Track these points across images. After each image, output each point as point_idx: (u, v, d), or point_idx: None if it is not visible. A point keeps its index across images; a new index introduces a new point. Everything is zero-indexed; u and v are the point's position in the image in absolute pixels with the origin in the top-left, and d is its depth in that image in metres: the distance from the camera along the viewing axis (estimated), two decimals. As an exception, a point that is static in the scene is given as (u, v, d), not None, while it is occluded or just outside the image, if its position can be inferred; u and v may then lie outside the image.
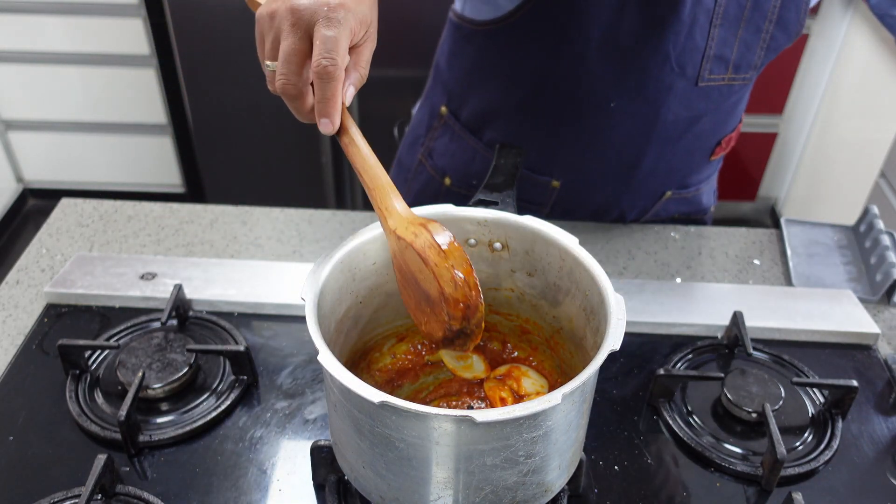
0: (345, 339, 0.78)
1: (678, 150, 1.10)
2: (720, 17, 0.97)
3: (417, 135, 1.25)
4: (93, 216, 1.18)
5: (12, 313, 1.00)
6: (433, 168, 1.21)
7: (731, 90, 1.05)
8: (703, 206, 1.26)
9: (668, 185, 1.17)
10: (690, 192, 1.21)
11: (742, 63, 1.02)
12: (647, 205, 1.19)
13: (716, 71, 1.01)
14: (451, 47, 1.13)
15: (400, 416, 0.59)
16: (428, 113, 1.22)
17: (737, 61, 1.02)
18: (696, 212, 1.26)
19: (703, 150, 1.14)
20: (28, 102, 2.71)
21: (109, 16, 2.50)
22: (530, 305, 0.82)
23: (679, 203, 1.22)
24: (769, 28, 1.00)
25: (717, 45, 0.99)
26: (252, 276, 1.03)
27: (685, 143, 1.10)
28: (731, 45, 1.00)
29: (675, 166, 1.13)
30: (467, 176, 1.17)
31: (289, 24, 0.64)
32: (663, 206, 1.21)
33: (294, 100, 0.66)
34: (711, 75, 1.01)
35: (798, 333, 1.00)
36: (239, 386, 0.89)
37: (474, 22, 1.06)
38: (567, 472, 0.71)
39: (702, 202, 1.25)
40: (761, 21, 0.99)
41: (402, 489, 0.65)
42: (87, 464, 0.74)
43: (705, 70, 1.00)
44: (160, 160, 2.85)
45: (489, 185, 0.85)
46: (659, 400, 0.89)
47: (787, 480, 0.82)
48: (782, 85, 2.67)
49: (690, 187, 1.20)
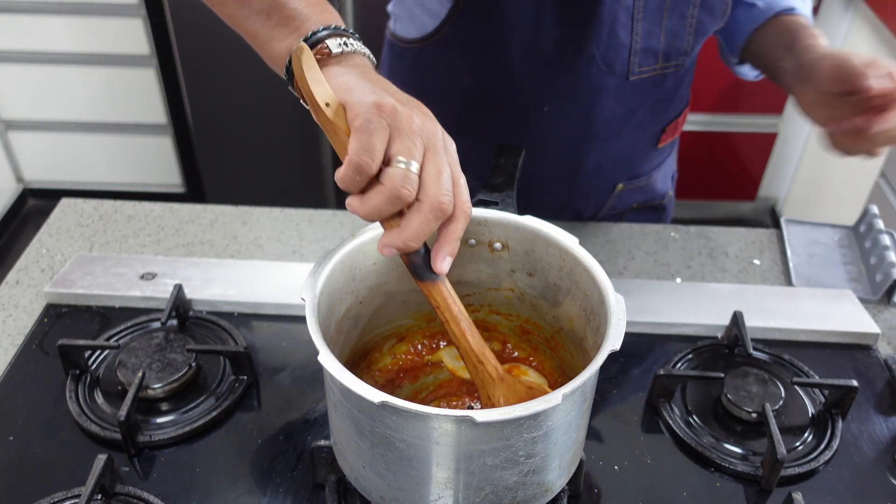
0: (345, 339, 0.78)
1: (620, 144, 1.10)
2: (641, 12, 0.96)
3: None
4: (93, 216, 1.18)
5: (12, 313, 1.00)
6: None
7: (665, 79, 1.05)
8: (658, 192, 1.25)
9: (617, 178, 1.17)
10: (643, 181, 1.20)
11: (671, 51, 1.02)
12: (600, 200, 1.19)
13: (645, 63, 1.01)
14: (389, 66, 1.15)
15: (400, 417, 0.59)
16: None
17: (665, 51, 1.01)
18: (653, 198, 1.25)
19: (648, 140, 1.13)
20: (28, 102, 2.71)
21: (109, 16, 2.50)
22: (530, 305, 0.82)
23: (633, 192, 1.22)
24: (694, 13, 0.99)
25: (643, 38, 0.98)
26: (252, 276, 1.03)
27: (627, 137, 1.10)
28: (658, 35, 0.99)
29: (620, 160, 1.13)
30: None
31: (441, 143, 0.60)
32: (618, 199, 1.20)
33: (438, 218, 0.61)
34: (641, 68, 1.01)
35: (798, 333, 1.00)
36: (239, 386, 0.89)
37: (404, 40, 1.07)
38: (567, 472, 0.71)
39: (656, 189, 1.24)
40: (685, 7, 0.99)
41: (402, 489, 0.65)
42: (87, 464, 0.74)
43: (634, 65, 1.00)
44: (160, 160, 2.85)
45: (489, 185, 0.85)
46: (659, 400, 0.89)
47: (787, 480, 0.82)
48: (782, 85, 2.67)
49: (642, 176, 1.20)
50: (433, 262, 0.64)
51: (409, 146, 0.58)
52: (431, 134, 0.60)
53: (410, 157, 0.58)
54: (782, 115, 2.75)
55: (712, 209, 3.02)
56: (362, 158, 0.57)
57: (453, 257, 0.64)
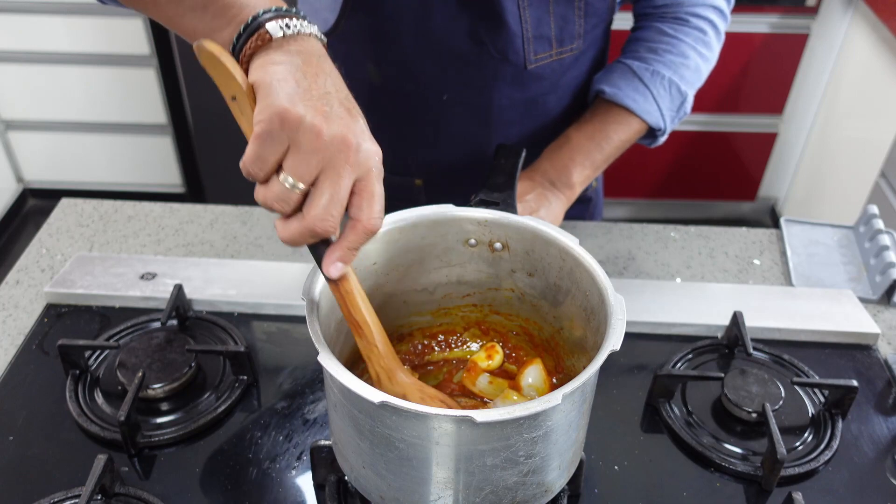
0: (345, 339, 0.78)
1: (524, 131, 1.10)
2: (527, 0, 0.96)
3: None
4: (93, 216, 1.18)
5: (12, 313, 1.00)
6: None
7: (564, 65, 1.05)
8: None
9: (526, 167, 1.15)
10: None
11: (564, 36, 1.02)
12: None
13: (540, 50, 1.01)
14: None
15: (400, 417, 0.59)
16: None
17: (558, 36, 1.01)
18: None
19: (555, 126, 1.12)
20: (28, 102, 2.71)
21: (109, 16, 2.50)
22: (530, 305, 0.82)
23: None
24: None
25: (533, 26, 0.98)
26: (252, 276, 1.03)
27: (530, 123, 1.10)
28: (547, 22, 0.99)
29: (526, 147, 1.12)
30: None
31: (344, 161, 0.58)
32: None
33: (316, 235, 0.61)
34: (538, 56, 1.01)
35: (798, 333, 1.00)
36: (239, 386, 0.89)
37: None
38: (567, 472, 0.71)
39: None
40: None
41: (402, 489, 0.65)
42: (87, 464, 0.74)
43: (529, 52, 1.00)
44: (160, 160, 2.85)
45: (490, 185, 0.85)
46: (659, 400, 0.89)
47: (787, 480, 0.82)
48: (782, 85, 2.67)
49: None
50: (322, 264, 0.63)
51: (300, 165, 0.58)
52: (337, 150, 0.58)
53: (298, 177, 0.58)
54: (782, 115, 2.75)
55: (712, 209, 3.02)
56: (251, 168, 0.59)
57: (345, 264, 0.63)
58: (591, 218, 1.28)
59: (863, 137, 2.35)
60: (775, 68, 2.63)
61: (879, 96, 2.25)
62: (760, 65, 2.60)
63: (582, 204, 1.26)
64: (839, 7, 2.46)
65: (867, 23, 2.32)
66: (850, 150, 2.45)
